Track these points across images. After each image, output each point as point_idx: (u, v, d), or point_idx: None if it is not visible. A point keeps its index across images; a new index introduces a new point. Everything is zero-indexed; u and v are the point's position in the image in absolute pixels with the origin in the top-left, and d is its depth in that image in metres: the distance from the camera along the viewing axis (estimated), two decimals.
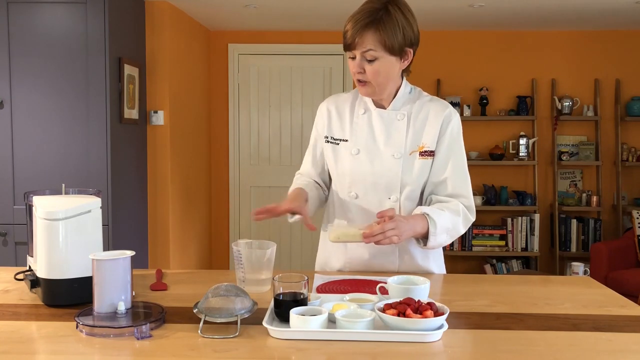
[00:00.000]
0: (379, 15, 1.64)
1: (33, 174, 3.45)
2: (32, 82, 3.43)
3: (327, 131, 1.85)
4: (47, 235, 1.41)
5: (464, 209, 1.75)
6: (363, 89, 1.74)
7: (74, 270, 1.41)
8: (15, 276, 1.62)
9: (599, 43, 5.30)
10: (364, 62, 1.68)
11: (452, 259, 5.45)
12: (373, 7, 1.65)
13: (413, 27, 1.69)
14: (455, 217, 1.73)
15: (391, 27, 1.64)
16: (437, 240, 1.69)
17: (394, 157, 1.74)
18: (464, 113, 5.23)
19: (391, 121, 1.77)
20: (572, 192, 5.38)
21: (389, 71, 1.70)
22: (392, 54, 1.67)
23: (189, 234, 4.78)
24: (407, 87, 1.83)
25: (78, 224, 1.41)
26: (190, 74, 4.80)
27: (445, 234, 1.70)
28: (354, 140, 1.79)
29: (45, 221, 1.40)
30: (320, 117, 1.89)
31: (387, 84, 1.74)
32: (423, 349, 1.18)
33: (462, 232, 1.77)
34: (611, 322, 1.35)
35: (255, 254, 1.59)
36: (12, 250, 3.46)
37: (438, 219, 1.67)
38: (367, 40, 1.65)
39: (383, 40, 1.64)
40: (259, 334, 1.24)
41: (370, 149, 1.77)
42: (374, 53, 1.66)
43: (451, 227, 1.71)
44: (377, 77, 1.69)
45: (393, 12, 1.64)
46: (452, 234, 1.73)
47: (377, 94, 1.76)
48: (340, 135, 1.82)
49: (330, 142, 1.84)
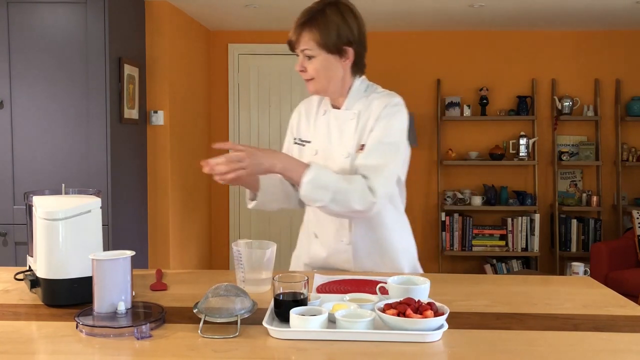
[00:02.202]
0: (315, 15, 1.72)
1: (33, 174, 3.45)
2: (32, 82, 3.43)
3: (297, 133, 1.93)
4: (47, 235, 1.41)
5: (364, 184, 1.66)
6: (309, 87, 1.80)
7: (74, 270, 1.41)
8: (15, 276, 1.62)
9: (599, 43, 5.30)
10: (305, 60, 1.75)
11: (452, 259, 5.45)
12: (312, 8, 1.74)
13: (351, 27, 1.74)
14: (345, 184, 1.65)
15: (325, 27, 1.71)
16: (312, 193, 1.63)
17: (342, 156, 1.77)
18: (464, 113, 5.24)
19: (344, 121, 1.81)
20: (572, 192, 5.38)
21: (329, 68, 1.75)
22: (328, 52, 1.73)
23: (189, 234, 4.78)
24: (363, 85, 1.84)
25: (78, 224, 1.41)
26: (190, 74, 4.79)
27: (324, 191, 1.63)
28: (315, 141, 1.85)
29: (45, 221, 1.40)
30: (293, 119, 1.96)
31: (330, 82, 1.77)
32: (423, 349, 1.18)
33: (355, 206, 1.65)
34: (611, 322, 1.35)
35: (255, 254, 1.59)
36: (12, 250, 3.46)
37: (319, 172, 1.64)
38: (303, 39, 1.73)
39: (317, 38, 1.71)
40: (259, 334, 1.24)
41: (325, 150, 1.82)
42: (310, 51, 1.73)
43: (336, 189, 1.63)
44: (317, 74, 1.75)
45: (329, 13, 1.71)
46: (337, 198, 1.64)
47: (322, 92, 1.81)
48: (306, 137, 1.89)
49: (298, 144, 1.90)
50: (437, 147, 5.37)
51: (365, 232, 1.82)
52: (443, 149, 5.38)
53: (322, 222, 1.86)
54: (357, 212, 1.69)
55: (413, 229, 2.02)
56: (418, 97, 5.40)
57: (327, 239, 1.86)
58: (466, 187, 5.41)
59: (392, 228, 1.87)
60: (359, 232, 1.82)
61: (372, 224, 1.82)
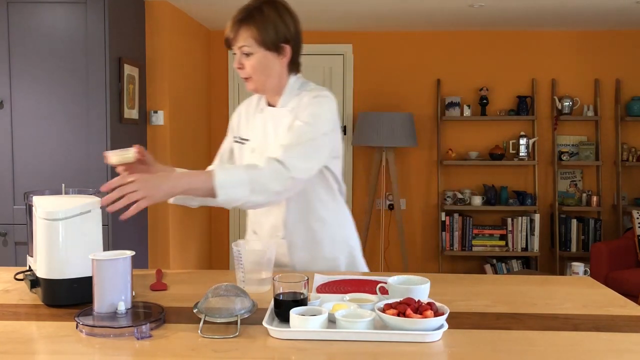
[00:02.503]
0: (252, 12, 1.73)
1: (33, 174, 3.45)
2: (32, 82, 3.43)
3: (237, 131, 1.95)
4: (47, 235, 1.41)
5: (274, 163, 1.62)
6: (248, 85, 1.81)
7: (74, 270, 1.41)
8: (15, 276, 1.62)
9: (599, 43, 5.30)
10: (242, 57, 1.76)
11: (452, 259, 5.45)
12: (249, 5, 1.75)
13: (288, 24, 1.76)
14: (256, 170, 1.61)
15: (262, 24, 1.72)
16: (230, 194, 1.56)
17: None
18: (464, 113, 5.24)
19: (279, 119, 1.82)
20: (572, 192, 5.38)
21: (267, 65, 1.76)
22: (266, 48, 1.74)
23: (189, 234, 4.78)
24: (297, 83, 1.85)
25: (78, 224, 1.41)
26: (190, 74, 4.79)
27: (240, 187, 1.57)
28: (252, 139, 1.88)
29: (45, 221, 1.40)
30: (233, 119, 1.99)
31: (268, 79, 1.79)
32: (423, 349, 1.18)
33: (274, 187, 1.60)
34: (611, 322, 1.35)
35: (255, 254, 1.59)
36: (12, 250, 3.46)
37: (226, 171, 1.59)
38: (240, 36, 1.73)
39: (255, 35, 1.72)
40: (259, 334, 1.24)
41: (262, 147, 1.83)
42: (248, 48, 1.73)
43: (250, 180, 1.58)
44: (255, 72, 1.76)
45: (266, 10, 1.73)
46: (255, 187, 1.58)
47: (260, 90, 1.83)
48: (245, 135, 1.91)
49: (238, 142, 1.92)
50: (437, 147, 5.37)
51: (299, 226, 1.84)
52: (443, 149, 5.38)
53: (258, 218, 1.89)
54: (280, 193, 1.63)
55: (413, 229, 2.02)
56: (418, 97, 5.40)
57: (264, 234, 1.89)
58: (466, 187, 5.41)
59: (327, 221, 1.87)
60: (294, 225, 1.83)
61: (307, 216, 1.84)
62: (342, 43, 5.40)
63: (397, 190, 5.09)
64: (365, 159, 5.46)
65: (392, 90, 5.40)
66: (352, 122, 5.41)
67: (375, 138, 4.89)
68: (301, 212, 1.83)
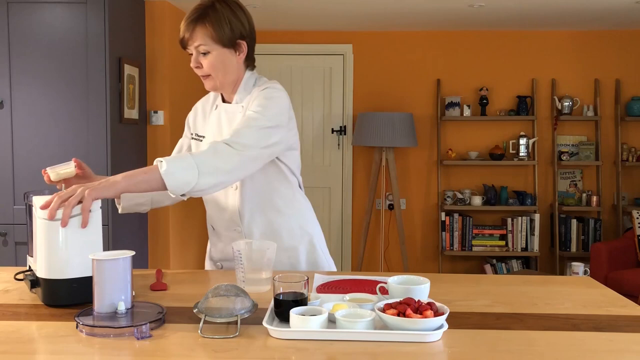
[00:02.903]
0: (205, 11, 1.73)
1: (33, 174, 3.45)
2: (32, 82, 3.43)
3: (193, 128, 1.96)
4: (47, 235, 1.41)
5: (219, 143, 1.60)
6: (206, 84, 1.82)
7: (74, 270, 1.41)
8: (15, 276, 1.62)
9: (599, 43, 5.30)
10: (199, 56, 1.76)
11: (452, 259, 5.45)
12: (202, 4, 1.75)
13: (242, 21, 1.78)
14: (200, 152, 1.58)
15: (217, 21, 1.72)
16: (178, 179, 1.52)
17: None
18: (464, 113, 5.24)
19: (234, 114, 1.83)
20: (572, 192, 5.38)
21: (224, 63, 1.77)
22: (223, 46, 1.75)
23: (189, 234, 4.78)
24: (252, 79, 1.86)
25: (78, 224, 1.41)
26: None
27: (186, 170, 1.52)
28: (208, 135, 1.88)
29: (45, 221, 1.40)
30: (190, 116, 2.00)
31: (226, 76, 1.79)
32: (423, 349, 1.18)
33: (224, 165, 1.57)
34: (611, 322, 1.35)
35: (255, 254, 1.59)
36: (12, 250, 3.46)
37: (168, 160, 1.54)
38: (196, 35, 1.73)
39: (210, 33, 1.72)
40: (259, 334, 1.24)
41: None
42: (205, 47, 1.74)
43: (195, 162, 1.54)
44: (214, 70, 1.76)
45: (219, 8, 1.74)
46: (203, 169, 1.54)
47: (219, 88, 1.83)
48: (202, 132, 1.91)
49: (195, 139, 1.93)
50: (437, 147, 5.37)
51: (256, 217, 1.84)
52: (443, 149, 5.38)
53: (215, 214, 1.89)
54: (230, 172, 1.59)
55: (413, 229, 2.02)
56: (418, 97, 5.40)
57: (221, 230, 1.89)
58: (466, 187, 5.41)
59: (284, 211, 1.86)
60: (250, 217, 1.84)
61: (263, 208, 1.84)
62: (342, 43, 5.40)
63: (397, 190, 5.10)
64: (365, 159, 5.46)
65: (392, 90, 5.40)
66: (352, 122, 5.41)
67: (375, 138, 4.89)
68: (257, 204, 1.83)
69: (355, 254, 5.46)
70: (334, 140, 5.45)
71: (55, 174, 1.65)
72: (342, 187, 5.49)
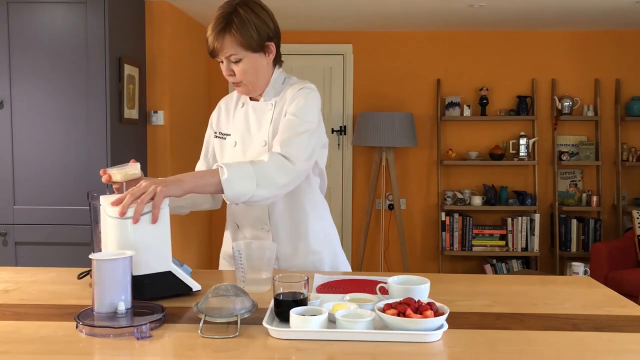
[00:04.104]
0: (230, 18, 1.70)
1: (33, 174, 3.45)
2: (32, 82, 3.43)
3: (217, 127, 1.95)
4: (118, 233, 1.42)
5: (278, 156, 1.65)
6: (239, 90, 1.82)
7: (146, 267, 1.43)
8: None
9: (599, 43, 5.30)
10: (231, 64, 1.75)
11: (452, 259, 5.45)
12: (225, 11, 1.72)
13: (267, 23, 1.75)
14: (261, 164, 1.63)
15: (244, 28, 1.70)
16: (237, 188, 1.58)
17: (260, 145, 1.81)
18: (464, 113, 5.24)
19: (263, 112, 1.84)
20: (572, 192, 5.38)
21: (256, 67, 1.77)
22: (253, 51, 1.73)
23: (189, 234, 4.78)
24: (281, 77, 1.87)
25: (148, 221, 1.43)
26: (190, 74, 4.79)
27: (246, 180, 1.58)
28: (234, 133, 1.87)
29: (116, 219, 1.42)
30: (213, 115, 1.98)
31: (258, 79, 1.80)
32: (423, 349, 1.18)
33: (280, 180, 1.63)
34: (611, 322, 1.35)
35: (255, 254, 1.59)
36: (12, 250, 3.46)
37: (231, 166, 1.59)
38: (226, 46, 1.71)
39: (240, 41, 1.70)
40: (259, 334, 1.24)
41: (245, 140, 1.84)
42: (236, 56, 1.72)
43: (255, 173, 1.60)
44: (246, 76, 1.76)
45: (243, 13, 1.71)
46: (261, 181, 1.60)
47: (252, 91, 1.83)
48: (226, 130, 1.91)
49: (219, 137, 1.92)
50: (437, 147, 5.37)
51: (284, 218, 1.85)
52: (443, 149, 5.38)
53: (242, 212, 1.88)
54: (285, 186, 1.66)
55: (413, 229, 2.03)
56: (418, 97, 5.40)
57: (246, 227, 1.89)
58: (466, 187, 5.41)
59: (311, 214, 1.88)
60: (278, 218, 1.84)
61: (291, 209, 1.85)
62: (342, 43, 5.40)
63: (397, 190, 5.10)
64: (365, 159, 5.46)
65: (392, 90, 5.40)
66: (352, 122, 5.41)
67: (375, 138, 4.89)
68: (286, 205, 1.84)
69: (355, 254, 5.46)
70: (334, 140, 5.45)
71: (122, 175, 1.60)
72: (342, 187, 5.49)
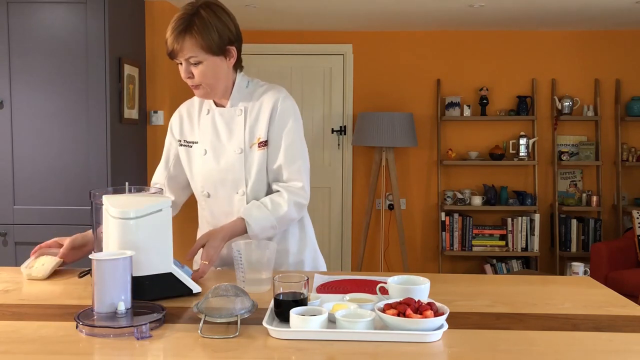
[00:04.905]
0: (192, 20, 1.67)
1: (33, 174, 3.45)
2: (32, 82, 3.43)
3: (180, 135, 1.92)
4: (120, 234, 1.42)
5: (291, 199, 1.79)
6: (197, 92, 1.80)
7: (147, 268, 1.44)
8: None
9: (599, 43, 5.30)
10: (190, 66, 1.72)
11: (452, 259, 5.45)
12: (186, 13, 1.70)
13: (229, 26, 1.74)
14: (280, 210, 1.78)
15: (205, 30, 1.68)
16: (262, 237, 1.77)
17: (235, 152, 1.81)
18: (464, 113, 5.24)
19: (231, 118, 1.83)
20: (572, 192, 5.38)
21: (216, 71, 1.74)
22: (214, 54, 1.71)
23: (189, 234, 4.77)
24: (244, 82, 1.86)
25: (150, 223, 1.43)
26: None
27: (270, 230, 1.78)
28: (202, 140, 1.86)
29: (119, 220, 1.41)
30: (173, 122, 1.95)
31: (218, 83, 1.78)
32: (423, 349, 1.18)
33: (295, 217, 1.83)
34: (611, 322, 1.35)
35: (255, 254, 1.59)
36: (12, 250, 3.46)
37: (256, 223, 1.75)
38: (186, 47, 1.68)
39: (200, 44, 1.68)
40: (259, 334, 1.24)
41: (215, 148, 1.83)
42: (195, 58, 1.70)
43: (277, 222, 1.78)
44: (205, 79, 1.74)
45: (205, 15, 1.69)
46: (281, 224, 1.80)
47: (211, 95, 1.81)
48: (191, 138, 1.89)
49: (184, 145, 1.90)
50: (437, 147, 5.37)
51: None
52: (443, 149, 5.38)
53: (216, 216, 1.90)
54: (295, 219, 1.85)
55: (413, 229, 2.03)
56: (418, 97, 5.40)
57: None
58: (466, 187, 5.41)
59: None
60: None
61: None
62: (342, 43, 5.40)
63: (397, 190, 5.10)
64: (365, 159, 5.46)
65: (392, 90, 5.40)
66: (352, 122, 5.41)
67: (375, 138, 4.89)
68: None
69: (355, 254, 5.46)
70: (334, 140, 5.45)
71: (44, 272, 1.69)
72: (342, 187, 5.49)
